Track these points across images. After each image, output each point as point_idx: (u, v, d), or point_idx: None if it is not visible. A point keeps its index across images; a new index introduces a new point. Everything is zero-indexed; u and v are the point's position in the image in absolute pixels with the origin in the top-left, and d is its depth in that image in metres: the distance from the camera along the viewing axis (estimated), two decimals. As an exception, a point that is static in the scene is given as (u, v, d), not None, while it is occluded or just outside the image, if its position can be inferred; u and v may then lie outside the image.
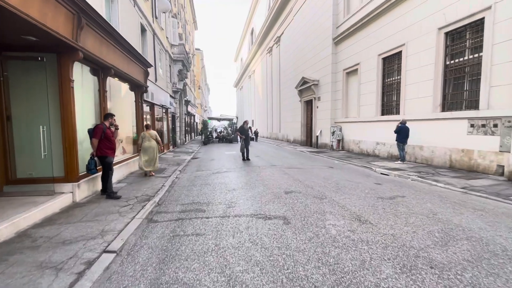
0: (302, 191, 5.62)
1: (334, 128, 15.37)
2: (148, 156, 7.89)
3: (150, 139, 7.96)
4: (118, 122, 9.25)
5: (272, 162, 10.61)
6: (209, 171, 8.69)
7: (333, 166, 9.42)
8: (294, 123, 22.32)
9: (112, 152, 5.51)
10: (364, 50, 12.69)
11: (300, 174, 7.67)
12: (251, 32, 44.41)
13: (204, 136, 25.45)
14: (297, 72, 21.34)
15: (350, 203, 4.68)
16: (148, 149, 7.88)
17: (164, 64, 16.07)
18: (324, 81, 16.59)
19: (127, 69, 7.72)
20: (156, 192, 6.08)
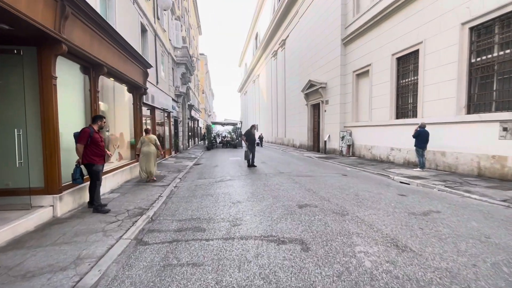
0: (318, 204, 4.87)
1: (344, 132, 14.60)
2: (146, 161, 7.51)
3: (149, 144, 7.60)
4: (114, 126, 8.69)
5: (279, 168, 9.87)
6: (211, 179, 7.99)
7: (346, 174, 8.64)
8: (300, 127, 21.59)
9: (100, 159, 4.85)
10: (376, 50, 11.99)
11: (312, 183, 6.91)
12: (256, 36, 44.11)
13: (207, 141, 24.85)
14: (303, 75, 20.70)
15: (379, 221, 3.91)
16: (147, 154, 7.51)
17: (166, 67, 15.56)
18: (332, 84, 15.89)
19: (123, 68, 7.12)
20: (151, 204, 5.38)
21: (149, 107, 11.59)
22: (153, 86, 11.71)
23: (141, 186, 7.10)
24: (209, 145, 23.47)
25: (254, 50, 45.16)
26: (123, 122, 8.70)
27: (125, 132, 8.74)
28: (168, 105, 14.80)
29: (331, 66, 15.95)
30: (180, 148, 18.72)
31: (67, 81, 5.18)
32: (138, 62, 8.36)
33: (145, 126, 10.77)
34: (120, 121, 8.62)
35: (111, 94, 8.28)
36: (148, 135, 7.78)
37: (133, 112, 8.78)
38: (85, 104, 5.76)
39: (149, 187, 6.94)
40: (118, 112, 8.58)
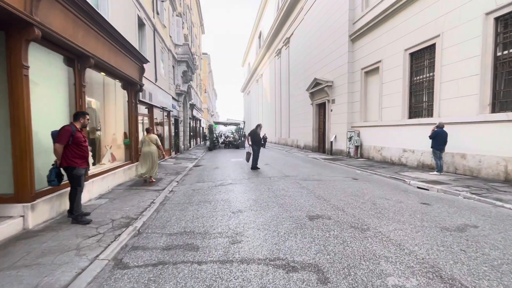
0: (332, 215, 4.21)
1: (351, 133, 13.90)
2: (146, 161, 7.25)
3: (150, 143, 7.35)
4: (106, 124, 8.10)
5: (284, 171, 9.21)
6: (211, 183, 7.35)
7: (357, 178, 7.96)
8: (305, 127, 20.91)
9: (83, 161, 4.23)
10: (387, 46, 11.29)
11: (321, 189, 6.25)
12: (259, 35, 43.52)
13: (209, 141, 24.27)
14: (308, 73, 20.02)
15: (408, 239, 3.25)
16: (148, 154, 7.24)
17: (166, 64, 14.99)
18: (339, 82, 15.19)
19: (115, 62, 6.53)
20: (142, 212, 4.77)
21: (147, 106, 11.00)
22: (151, 83, 11.13)
23: (133, 190, 6.49)
24: (211, 146, 22.88)
25: (257, 49, 44.56)
26: (116, 120, 8.12)
27: (119, 131, 8.15)
28: (168, 104, 14.21)
29: (338, 63, 15.26)
30: (181, 149, 18.14)
31: (46, 73, 4.58)
32: (133, 56, 7.77)
33: (142, 125, 10.19)
34: (113, 120, 8.04)
35: (102, 90, 7.71)
36: (149, 135, 7.44)
37: (127, 110, 8.18)
38: (69, 100, 5.16)
39: (142, 192, 6.33)
40: (111, 110, 8.00)
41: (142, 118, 10.24)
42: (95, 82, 7.49)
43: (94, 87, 7.51)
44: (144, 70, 8.70)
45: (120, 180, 7.24)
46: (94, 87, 7.51)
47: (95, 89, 7.55)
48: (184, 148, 19.98)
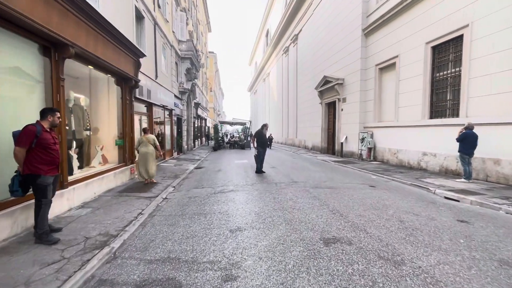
0: (352, 238, 3.39)
1: (364, 134, 12.97)
2: (144, 163, 7.05)
3: (147, 144, 7.09)
4: (97, 123, 7.42)
5: (292, 176, 8.39)
6: (210, 190, 6.60)
7: (374, 185, 7.09)
8: (313, 128, 20.02)
9: (51, 168, 3.52)
10: (405, 40, 10.35)
11: (335, 199, 5.42)
12: (266, 33, 42.72)
13: (214, 141, 23.61)
14: (317, 71, 19.12)
15: (462, 282, 2.42)
16: (145, 155, 7.01)
17: (169, 61, 14.34)
18: (350, 80, 14.27)
19: (103, 53, 5.83)
20: (125, 227, 4.05)
21: (146, 104, 10.34)
22: (150, 80, 10.46)
23: (123, 197, 5.79)
24: (216, 146, 22.20)
25: (264, 48, 43.77)
26: (109, 119, 7.46)
27: (112, 131, 7.48)
28: (169, 102, 13.55)
29: (349, 60, 14.33)
30: (184, 149, 17.49)
31: (13, 64, 3.90)
32: (126, 49, 7.09)
33: (140, 124, 9.52)
34: (105, 118, 7.38)
35: (93, 86, 7.06)
36: (147, 135, 7.19)
37: (121, 108, 7.51)
38: (45, 95, 4.47)
39: (131, 200, 5.62)
40: (103, 108, 7.35)
41: (139, 116, 9.58)
42: (84, 77, 6.85)
43: (83, 82, 6.88)
44: (140, 65, 8.01)
45: (110, 184, 6.56)
46: (83, 82, 6.88)
47: (84, 84, 6.92)
48: (188, 148, 19.34)
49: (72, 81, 6.92)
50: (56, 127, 3.69)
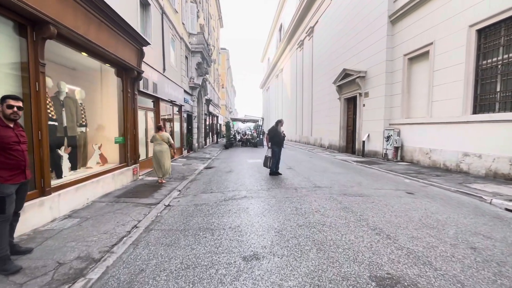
0: (418, 279, 2.39)
1: (390, 131, 11.76)
2: (156, 161, 6.78)
3: (161, 142, 6.76)
4: (95, 118, 6.69)
5: (312, 179, 7.40)
6: (219, 195, 5.72)
7: (411, 191, 6.00)
8: (331, 125, 18.82)
9: (14, 174, 2.72)
10: (442, 24, 9.06)
11: (373, 211, 4.40)
12: (279, 28, 41.50)
13: (226, 139, 22.86)
14: (335, 64, 17.90)
15: None
16: (159, 153, 6.72)
17: (178, 54, 13.58)
18: (374, 72, 13.03)
19: (96, 37, 5.04)
20: (112, 247, 3.23)
21: (152, 98, 9.59)
22: (157, 73, 9.70)
23: (119, 204, 5.00)
24: (228, 144, 21.42)
25: (277, 43, 42.57)
26: (109, 114, 6.71)
27: (112, 127, 6.74)
28: (179, 98, 12.79)
29: (373, 50, 13.08)
30: (194, 147, 16.78)
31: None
32: (127, 35, 6.29)
33: (145, 120, 8.78)
34: (104, 113, 6.64)
35: (91, 78, 6.33)
36: (161, 133, 6.84)
37: (122, 102, 6.74)
38: (21, 83, 3.70)
39: (129, 207, 4.82)
40: (101, 102, 6.60)
41: (144, 112, 8.83)
42: (81, 68, 6.13)
43: (79, 73, 6.16)
44: (143, 54, 7.22)
45: (108, 188, 5.80)
46: (79, 73, 6.16)
47: (81, 75, 6.20)
48: (199, 146, 18.63)
49: (68, 72, 6.22)
50: (15, 120, 2.83)
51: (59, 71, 5.97)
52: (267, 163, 7.99)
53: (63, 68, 6.15)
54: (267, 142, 8.09)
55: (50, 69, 5.80)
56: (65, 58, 5.73)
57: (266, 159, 8.04)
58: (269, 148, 8.00)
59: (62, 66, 6.12)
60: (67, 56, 5.51)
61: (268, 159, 7.95)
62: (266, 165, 8.03)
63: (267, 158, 8.01)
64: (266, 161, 8.00)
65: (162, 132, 6.87)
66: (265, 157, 8.09)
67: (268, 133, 8.29)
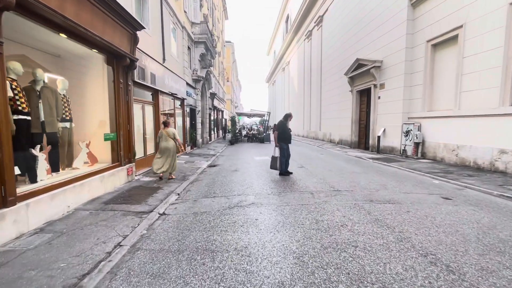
0: None
1: (409, 125, 10.78)
2: (164, 158, 6.60)
3: (167, 138, 6.63)
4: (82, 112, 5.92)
5: (329, 180, 6.55)
6: (223, 200, 4.93)
7: (447, 196, 5.11)
8: (342, 119, 17.83)
9: None
10: (475, 3, 7.99)
11: (414, 226, 3.54)
12: (286, 19, 40.20)
13: (231, 134, 22.08)
14: (346, 55, 16.83)
15: None
16: (165, 150, 6.59)
17: (180, 44, 12.73)
18: (391, 61, 11.98)
19: (75, 14, 4.22)
20: (82, 278, 2.46)
21: (151, 91, 8.80)
22: (156, 63, 8.89)
23: (105, 213, 4.24)
24: (233, 139, 20.63)
25: (284, 35, 41.32)
26: (99, 107, 5.95)
27: (102, 122, 5.98)
28: (181, 90, 11.99)
29: (390, 37, 12.01)
30: (198, 143, 16.03)
31: None
32: (117, 16, 5.46)
33: (142, 115, 8.01)
34: (93, 106, 5.88)
35: (77, 66, 5.56)
36: (167, 128, 6.69)
37: (113, 94, 5.96)
38: (-28, 67, 2.93)
39: (116, 217, 4.06)
40: (89, 93, 5.84)
41: (141, 105, 8.05)
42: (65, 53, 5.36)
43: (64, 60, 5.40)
44: (137, 40, 6.40)
45: (96, 192, 5.06)
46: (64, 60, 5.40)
47: (66, 63, 5.43)
48: (203, 141, 17.89)
49: (52, 60, 5.48)
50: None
51: (41, 58, 5.24)
52: (275, 164, 7.11)
53: (46, 55, 5.41)
54: (275, 139, 7.21)
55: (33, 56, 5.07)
56: (46, 43, 4.97)
57: (273, 161, 7.14)
58: (276, 146, 7.12)
59: (45, 53, 5.38)
60: (45, 39, 4.74)
61: (276, 160, 7.07)
62: (274, 167, 7.16)
63: (274, 159, 7.12)
64: (275, 163, 7.12)
65: (168, 128, 6.74)
66: (272, 158, 7.19)
67: (275, 128, 7.38)
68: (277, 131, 7.22)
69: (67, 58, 5.65)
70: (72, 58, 5.68)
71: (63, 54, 5.61)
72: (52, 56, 5.54)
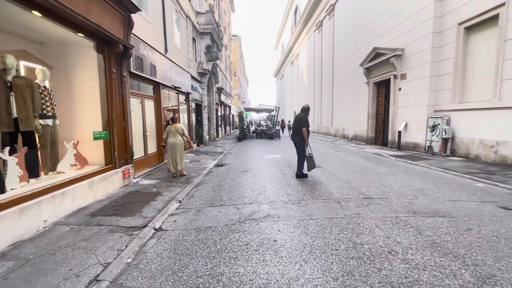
0: None
1: (436, 119, 9.73)
2: (173, 155, 6.48)
3: (175, 134, 6.50)
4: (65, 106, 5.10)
5: (354, 183, 5.65)
6: (232, 211, 4.11)
7: (507, 205, 4.16)
8: (356, 113, 16.76)
9: None
10: (521, -24, 6.87)
11: (489, 253, 2.65)
12: (295, 11, 38.85)
13: (239, 130, 21.27)
14: (361, 44, 15.70)
15: None
16: (173, 146, 6.43)
17: (184, 34, 11.90)
18: (415, 49, 10.86)
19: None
20: None
21: (151, 83, 8.02)
22: (157, 53, 8.08)
23: (89, 228, 3.48)
24: (241, 136, 19.81)
25: (292, 27, 40.03)
26: (88, 102, 5.20)
27: (92, 118, 5.23)
28: (185, 84, 11.20)
29: (413, 22, 10.88)
30: (205, 140, 15.27)
31: None
32: (106, -6, 4.66)
33: (141, 110, 7.26)
34: (82, 101, 5.14)
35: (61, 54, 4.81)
36: (175, 124, 6.58)
37: (105, 85, 5.18)
38: None
39: (100, 234, 3.29)
40: (76, 85, 5.09)
41: (141, 100, 7.28)
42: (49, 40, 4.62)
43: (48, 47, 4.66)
44: (132, 23, 5.59)
45: (83, 201, 4.32)
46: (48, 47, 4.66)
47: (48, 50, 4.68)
48: (210, 138, 17.13)
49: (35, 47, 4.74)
50: None
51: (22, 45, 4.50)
52: (313, 164, 6.13)
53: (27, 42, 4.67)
54: (306, 137, 6.12)
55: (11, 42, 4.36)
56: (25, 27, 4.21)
57: (310, 161, 6.09)
58: (307, 145, 6.13)
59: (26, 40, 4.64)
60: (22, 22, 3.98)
61: (312, 159, 6.11)
62: (312, 166, 6.15)
63: (311, 158, 6.09)
64: (312, 162, 6.11)
65: (177, 124, 6.60)
66: (307, 158, 6.09)
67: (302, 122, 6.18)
68: (305, 127, 6.09)
69: (52, 45, 4.89)
70: (57, 45, 4.92)
71: (47, 41, 4.87)
72: (34, 43, 4.80)
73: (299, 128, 6.18)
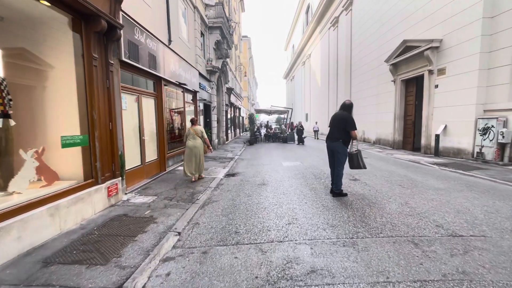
0: None
1: (488, 121, 8.15)
2: (190, 158, 6.13)
3: (195, 136, 6.23)
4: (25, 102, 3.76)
5: (415, 205, 4.19)
6: (255, 259, 2.71)
7: None
8: (380, 114, 15.18)
9: None
10: None
11: None
12: (306, 10, 37.50)
13: (250, 133, 19.95)
14: (386, 38, 14.17)
15: None
16: (192, 149, 6.13)
17: (191, 27, 10.68)
18: (457, 39, 9.30)
19: None
20: None
21: (151, 78, 6.77)
22: (157, 42, 6.83)
23: None
24: (252, 139, 18.47)
25: (304, 27, 38.63)
26: (60, 97, 3.93)
27: (65, 119, 3.96)
28: (192, 81, 9.94)
29: (456, 7, 9.33)
30: (214, 143, 13.98)
31: None
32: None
33: (138, 109, 5.99)
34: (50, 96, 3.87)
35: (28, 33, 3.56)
36: (194, 126, 6.36)
37: (83, 75, 3.92)
38: None
39: None
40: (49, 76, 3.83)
41: (137, 97, 6.01)
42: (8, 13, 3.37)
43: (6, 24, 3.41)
44: None
45: (40, 236, 3.01)
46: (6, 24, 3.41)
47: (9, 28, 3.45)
48: (219, 142, 15.84)
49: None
50: None
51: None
52: (360, 163, 4.76)
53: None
54: (355, 136, 4.71)
55: None
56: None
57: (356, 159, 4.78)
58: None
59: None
60: None
61: (357, 160, 4.75)
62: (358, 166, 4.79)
63: (356, 157, 4.76)
64: (359, 162, 4.76)
65: (196, 125, 6.43)
66: (352, 154, 4.78)
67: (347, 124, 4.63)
68: (354, 130, 4.64)
69: (14, 21, 3.67)
70: (21, 21, 3.69)
71: (7, 15, 3.64)
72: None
73: (342, 131, 4.69)
